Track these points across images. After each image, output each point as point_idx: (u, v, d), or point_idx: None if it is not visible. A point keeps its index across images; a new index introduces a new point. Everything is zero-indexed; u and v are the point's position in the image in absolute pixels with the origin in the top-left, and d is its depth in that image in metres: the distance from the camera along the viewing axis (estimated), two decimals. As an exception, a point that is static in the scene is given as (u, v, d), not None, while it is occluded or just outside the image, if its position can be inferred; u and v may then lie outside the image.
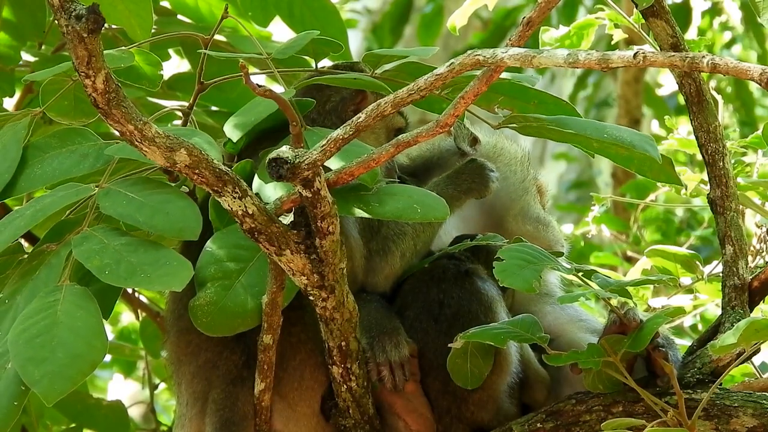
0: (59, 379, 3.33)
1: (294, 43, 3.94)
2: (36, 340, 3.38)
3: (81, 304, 3.47)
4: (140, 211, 3.56)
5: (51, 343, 3.37)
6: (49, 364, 3.34)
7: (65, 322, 3.41)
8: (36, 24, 5.19)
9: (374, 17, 12.18)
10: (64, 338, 3.38)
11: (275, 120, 3.75)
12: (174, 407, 4.02)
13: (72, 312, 3.44)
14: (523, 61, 3.30)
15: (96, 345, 3.41)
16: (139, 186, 3.64)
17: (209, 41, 4.01)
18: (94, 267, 3.48)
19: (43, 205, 3.66)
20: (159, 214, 3.55)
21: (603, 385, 3.66)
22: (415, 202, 3.55)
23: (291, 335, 3.69)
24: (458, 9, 4.48)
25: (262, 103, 3.75)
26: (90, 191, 3.66)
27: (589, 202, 6.70)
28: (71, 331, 3.40)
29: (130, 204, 3.58)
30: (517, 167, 4.28)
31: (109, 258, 3.49)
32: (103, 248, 3.52)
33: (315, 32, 3.96)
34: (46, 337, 3.37)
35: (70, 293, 3.49)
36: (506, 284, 3.49)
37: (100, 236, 3.56)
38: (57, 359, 3.35)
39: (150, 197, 3.59)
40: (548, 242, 4.15)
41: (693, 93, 3.92)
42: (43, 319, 3.42)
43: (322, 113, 3.96)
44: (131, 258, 3.49)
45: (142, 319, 5.81)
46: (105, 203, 3.60)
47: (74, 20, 3.23)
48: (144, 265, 3.47)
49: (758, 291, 3.87)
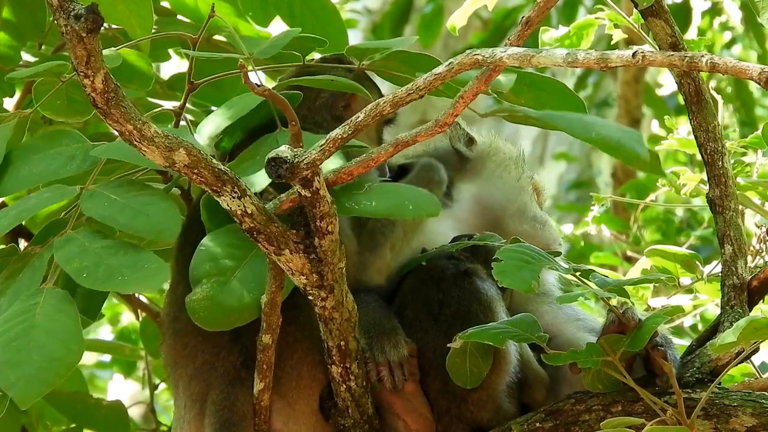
0: (35, 382, 3.34)
1: (276, 41, 3.96)
2: (13, 343, 3.39)
3: (60, 307, 3.47)
4: (122, 213, 3.57)
5: (27, 346, 3.37)
6: (25, 367, 3.35)
7: (43, 325, 3.42)
8: (36, 24, 5.18)
9: (374, 17, 12.19)
10: (41, 341, 3.38)
11: (267, 117, 3.75)
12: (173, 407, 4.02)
13: (50, 315, 3.44)
14: (522, 61, 3.30)
15: (73, 348, 3.41)
16: (123, 188, 3.65)
17: (197, 42, 4.02)
18: (73, 270, 3.48)
19: (27, 205, 3.68)
20: (140, 216, 3.56)
21: (602, 384, 3.66)
22: (407, 200, 3.56)
23: (287, 334, 3.69)
24: (458, 9, 4.48)
25: (243, 99, 3.76)
26: (75, 193, 3.66)
27: (589, 202, 6.69)
28: (48, 334, 3.40)
29: (112, 206, 3.59)
30: (511, 166, 4.29)
31: (88, 261, 3.50)
32: (84, 251, 3.53)
33: (297, 30, 3.98)
34: (23, 341, 3.37)
35: (50, 296, 3.50)
36: (505, 285, 3.49)
37: (81, 239, 3.57)
38: (33, 362, 3.35)
39: (132, 199, 3.60)
40: (546, 241, 4.15)
41: (692, 93, 3.93)
42: (21, 322, 3.43)
43: (313, 109, 3.96)
44: (110, 261, 3.49)
45: (142, 319, 5.81)
46: (87, 205, 3.61)
47: (73, 20, 3.23)
48: (122, 268, 3.47)
49: (757, 290, 3.88)
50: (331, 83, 3.83)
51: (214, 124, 3.74)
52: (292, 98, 3.75)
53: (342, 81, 3.84)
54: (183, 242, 3.73)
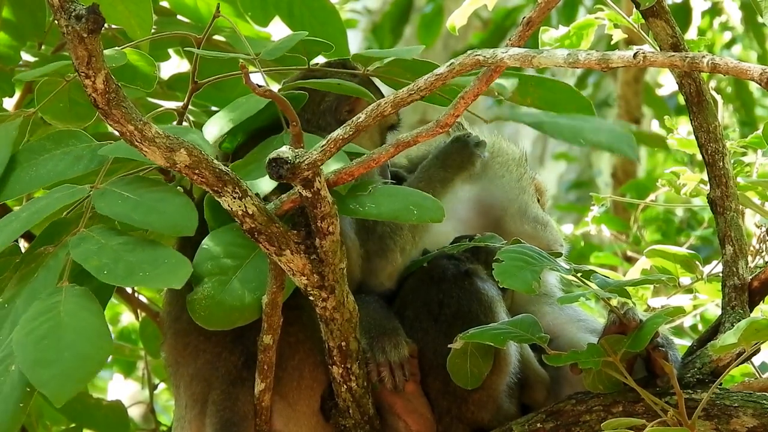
0: (67, 380, 3.34)
1: (283, 43, 3.95)
2: (43, 342, 3.39)
3: (83, 305, 3.47)
4: (136, 210, 3.57)
5: (57, 345, 3.38)
6: (56, 366, 3.35)
7: (70, 323, 3.42)
8: (36, 24, 5.18)
9: (374, 17, 12.18)
10: (70, 339, 3.39)
11: (270, 119, 3.75)
12: (174, 407, 4.02)
13: (75, 313, 3.45)
14: (523, 61, 3.30)
15: (101, 345, 3.42)
16: (133, 185, 3.65)
17: (201, 41, 4.02)
18: (93, 267, 3.48)
19: (38, 207, 3.67)
20: (154, 212, 3.56)
21: (603, 385, 3.66)
22: (411, 204, 3.56)
23: (289, 335, 3.69)
24: (458, 9, 4.48)
25: (247, 101, 3.76)
26: (85, 192, 3.66)
27: (589, 202, 6.69)
28: (76, 332, 3.41)
29: (126, 203, 3.59)
30: (513, 167, 4.28)
31: (107, 258, 3.50)
32: (101, 248, 3.53)
33: (304, 33, 3.99)
34: (52, 339, 3.38)
35: (70, 294, 3.50)
36: (506, 285, 3.50)
37: (97, 236, 3.57)
38: (64, 360, 3.36)
39: (145, 196, 3.60)
40: (547, 242, 4.15)
41: (693, 93, 3.92)
42: (47, 321, 3.43)
43: (317, 113, 3.96)
44: (129, 257, 3.49)
45: (142, 319, 5.80)
46: (101, 204, 3.60)
47: (74, 20, 3.23)
48: (143, 264, 3.48)
49: (758, 291, 3.88)
50: (338, 87, 3.83)
51: (219, 125, 3.74)
52: (298, 99, 3.75)
53: (349, 85, 3.84)
54: (184, 241, 3.73)
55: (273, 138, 3.72)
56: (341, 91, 3.86)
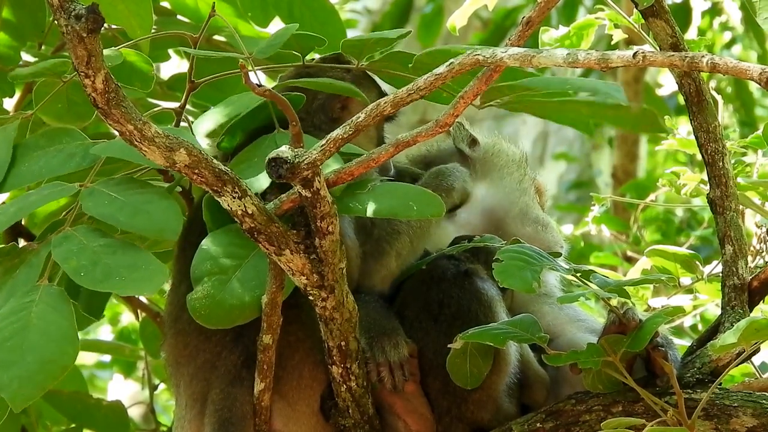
0: (27, 384, 3.32)
1: (274, 40, 3.95)
2: (7, 343, 3.37)
3: (55, 306, 3.45)
4: (121, 211, 3.56)
5: (21, 347, 3.35)
6: (17, 369, 3.33)
7: (38, 325, 3.40)
8: (36, 24, 5.18)
9: (374, 17, 12.18)
10: (35, 342, 3.36)
11: (268, 119, 3.75)
12: (174, 407, 4.02)
13: (46, 315, 3.42)
14: (522, 61, 3.30)
15: (67, 349, 3.39)
16: (122, 186, 3.65)
17: (198, 41, 4.02)
18: (71, 268, 3.46)
19: (27, 202, 3.67)
20: (140, 214, 3.56)
21: (603, 384, 3.66)
22: (411, 200, 3.56)
23: (289, 334, 3.69)
24: (458, 9, 4.48)
25: (240, 98, 3.75)
26: (74, 190, 3.66)
27: (589, 202, 6.69)
28: (43, 334, 3.38)
29: (112, 204, 3.58)
30: (514, 168, 4.28)
31: (86, 259, 3.48)
32: (82, 249, 3.51)
33: (295, 26, 3.97)
34: (16, 340, 3.36)
35: (46, 294, 3.48)
36: (506, 285, 3.49)
37: (80, 237, 3.56)
38: (26, 364, 3.33)
39: (132, 197, 3.59)
40: (547, 244, 4.15)
41: (693, 93, 3.92)
42: (16, 321, 3.41)
43: (310, 112, 3.96)
44: (108, 260, 3.48)
45: (142, 319, 5.80)
46: (87, 203, 3.60)
47: (74, 20, 3.23)
48: (120, 268, 3.46)
49: (758, 291, 3.87)
50: (330, 86, 3.83)
51: (211, 120, 3.75)
52: (295, 101, 3.75)
53: (339, 84, 3.83)
54: (185, 242, 3.73)
55: (265, 138, 3.72)
56: (332, 90, 3.86)
